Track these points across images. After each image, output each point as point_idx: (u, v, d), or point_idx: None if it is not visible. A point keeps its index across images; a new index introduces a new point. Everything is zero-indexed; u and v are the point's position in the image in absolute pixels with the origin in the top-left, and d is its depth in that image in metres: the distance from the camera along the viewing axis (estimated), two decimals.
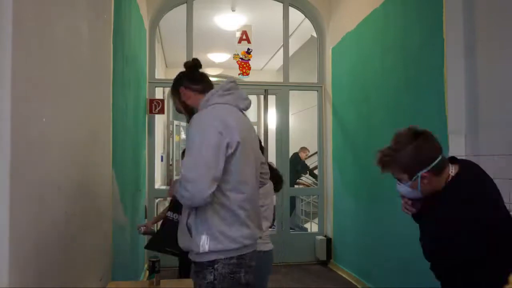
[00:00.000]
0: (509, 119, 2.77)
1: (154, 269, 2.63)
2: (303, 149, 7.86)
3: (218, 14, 6.45)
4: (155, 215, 3.96)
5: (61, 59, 1.73)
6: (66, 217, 1.77)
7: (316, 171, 7.30)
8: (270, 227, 2.87)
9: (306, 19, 6.15)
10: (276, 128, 6.01)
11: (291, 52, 6.29)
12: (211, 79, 2.08)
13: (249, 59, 5.80)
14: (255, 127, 6.35)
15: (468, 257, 1.54)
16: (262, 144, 2.85)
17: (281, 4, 5.89)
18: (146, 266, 5.14)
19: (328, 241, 5.76)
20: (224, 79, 2.57)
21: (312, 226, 7.06)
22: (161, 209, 4.47)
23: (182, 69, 2.07)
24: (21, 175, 1.30)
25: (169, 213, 2.96)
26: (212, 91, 1.94)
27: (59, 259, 1.70)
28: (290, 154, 6.37)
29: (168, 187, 4.42)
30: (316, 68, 6.20)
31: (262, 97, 6.75)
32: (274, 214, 2.82)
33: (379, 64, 4.36)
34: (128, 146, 3.68)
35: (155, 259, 2.65)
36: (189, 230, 1.83)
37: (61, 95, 1.73)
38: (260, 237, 1.98)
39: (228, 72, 8.91)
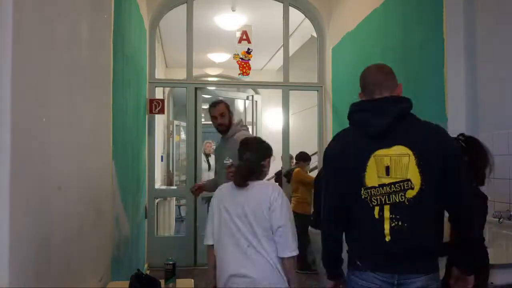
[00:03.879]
0: (509, 119, 2.77)
1: (174, 272, 2.43)
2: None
3: (218, 14, 6.44)
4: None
5: (61, 59, 1.73)
6: (66, 217, 1.77)
7: None
8: None
9: (306, 19, 6.14)
10: (276, 128, 6.01)
11: (291, 52, 6.28)
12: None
13: (249, 59, 5.80)
14: (255, 127, 6.34)
15: None
16: None
17: (281, 4, 5.88)
18: (146, 266, 5.14)
19: None
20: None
21: None
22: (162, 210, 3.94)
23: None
24: (21, 175, 1.30)
25: None
26: None
27: (59, 259, 1.70)
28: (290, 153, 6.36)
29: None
30: (316, 68, 6.20)
31: (262, 97, 6.75)
32: None
33: None
34: (128, 146, 3.68)
35: (172, 262, 2.44)
36: None
37: (61, 95, 1.73)
38: None
39: (228, 72, 8.89)
